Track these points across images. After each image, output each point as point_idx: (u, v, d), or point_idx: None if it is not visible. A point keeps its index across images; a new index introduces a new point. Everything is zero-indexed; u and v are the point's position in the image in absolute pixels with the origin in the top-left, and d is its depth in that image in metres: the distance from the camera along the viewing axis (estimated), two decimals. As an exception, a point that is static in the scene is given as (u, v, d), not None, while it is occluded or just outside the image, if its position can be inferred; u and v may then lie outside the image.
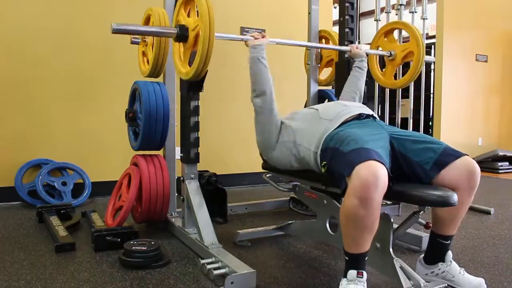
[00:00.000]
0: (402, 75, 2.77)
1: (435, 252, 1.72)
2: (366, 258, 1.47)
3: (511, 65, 6.31)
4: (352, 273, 1.44)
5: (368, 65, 2.54)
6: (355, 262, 1.45)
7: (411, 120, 4.53)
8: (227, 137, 4.13)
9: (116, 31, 1.74)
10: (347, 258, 1.48)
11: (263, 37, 2.05)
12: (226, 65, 3.94)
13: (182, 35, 1.85)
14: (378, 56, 2.81)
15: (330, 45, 3.02)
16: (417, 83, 4.64)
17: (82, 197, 3.37)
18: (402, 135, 1.71)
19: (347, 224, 1.41)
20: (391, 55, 2.65)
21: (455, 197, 1.55)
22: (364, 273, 1.45)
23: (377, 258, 1.68)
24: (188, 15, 1.94)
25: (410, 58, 2.61)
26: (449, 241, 1.70)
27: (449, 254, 1.71)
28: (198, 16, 1.81)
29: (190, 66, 1.88)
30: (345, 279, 1.46)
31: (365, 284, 1.45)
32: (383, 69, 2.81)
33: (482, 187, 4.33)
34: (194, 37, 1.84)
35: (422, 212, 1.61)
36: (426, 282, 1.60)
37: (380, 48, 2.75)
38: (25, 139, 3.34)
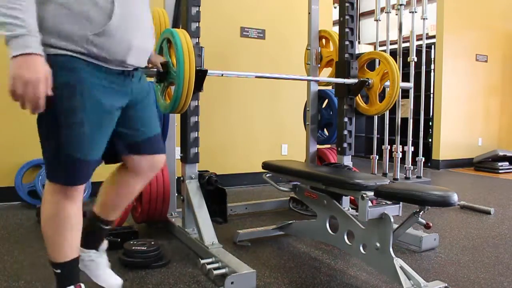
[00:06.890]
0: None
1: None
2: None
3: (511, 65, 6.31)
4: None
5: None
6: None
7: (411, 120, 4.54)
8: (227, 137, 4.13)
9: None
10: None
11: None
12: (226, 65, 3.94)
13: (162, 73, 1.89)
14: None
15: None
16: (417, 83, 4.68)
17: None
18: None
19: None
20: (369, 83, 2.74)
21: (455, 197, 1.55)
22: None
23: (377, 258, 1.68)
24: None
25: (387, 78, 2.68)
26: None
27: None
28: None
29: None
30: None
31: None
32: (368, 101, 2.87)
33: (482, 187, 4.37)
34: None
35: (422, 212, 1.61)
36: (426, 282, 1.60)
37: None
38: (25, 139, 3.33)
